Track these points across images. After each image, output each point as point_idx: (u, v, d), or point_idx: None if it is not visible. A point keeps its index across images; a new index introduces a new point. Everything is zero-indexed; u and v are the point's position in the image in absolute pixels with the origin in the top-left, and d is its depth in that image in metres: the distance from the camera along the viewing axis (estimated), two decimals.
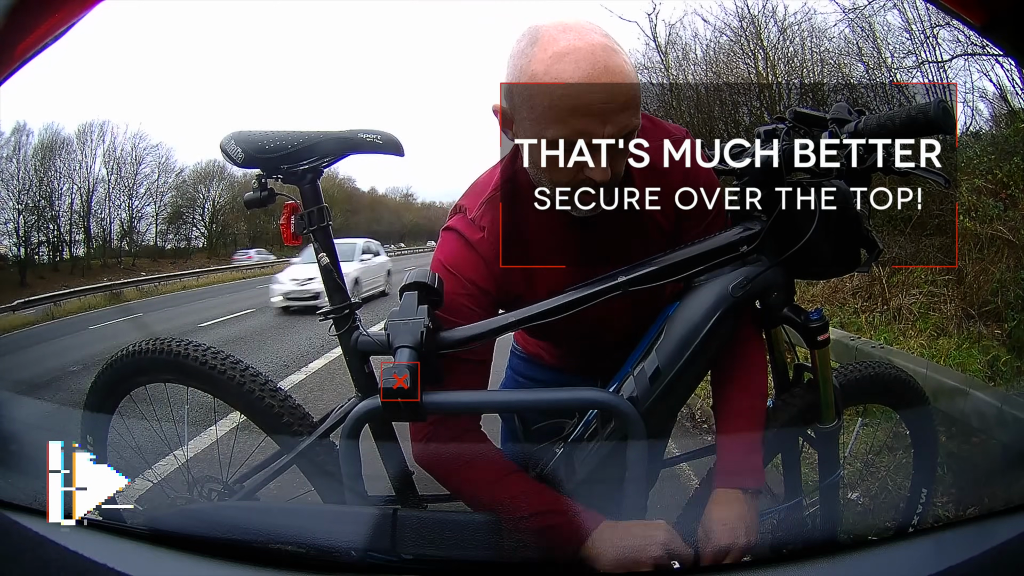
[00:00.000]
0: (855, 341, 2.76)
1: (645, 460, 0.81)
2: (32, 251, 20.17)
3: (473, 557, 0.74)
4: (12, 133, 19.41)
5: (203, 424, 1.18)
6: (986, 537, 0.64)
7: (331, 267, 0.95)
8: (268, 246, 23.84)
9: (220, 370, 0.95)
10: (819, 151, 0.86)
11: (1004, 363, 2.64)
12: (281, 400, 0.96)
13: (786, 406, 0.93)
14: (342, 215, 28.50)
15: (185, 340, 0.99)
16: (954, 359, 2.85)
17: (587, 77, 0.71)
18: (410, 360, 0.76)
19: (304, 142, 0.93)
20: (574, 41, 0.72)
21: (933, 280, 3.91)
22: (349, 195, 32.27)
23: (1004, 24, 0.58)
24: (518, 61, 0.76)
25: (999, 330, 3.13)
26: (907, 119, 0.75)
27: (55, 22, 0.59)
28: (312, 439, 0.93)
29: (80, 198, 21.34)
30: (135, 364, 1.00)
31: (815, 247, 0.84)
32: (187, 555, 0.71)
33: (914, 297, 3.84)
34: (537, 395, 0.92)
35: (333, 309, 0.93)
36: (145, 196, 23.37)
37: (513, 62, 0.77)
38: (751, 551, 0.78)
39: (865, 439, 1.45)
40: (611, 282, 0.86)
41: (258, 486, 0.96)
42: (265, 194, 0.97)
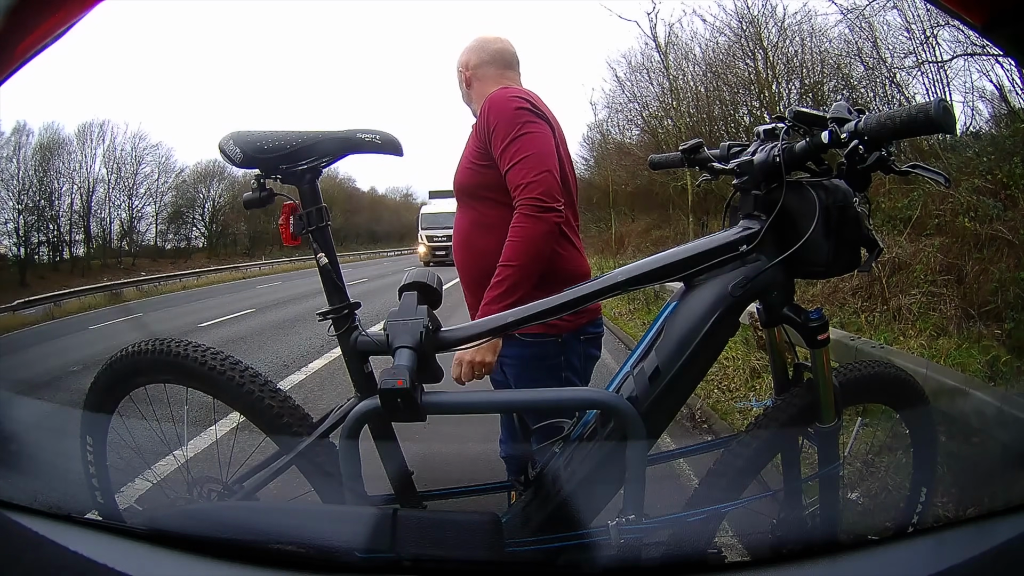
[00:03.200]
0: (855, 341, 2.76)
1: (645, 460, 0.81)
2: (32, 251, 20.19)
3: (473, 557, 0.73)
4: (12, 133, 19.43)
5: (203, 424, 1.18)
6: (986, 537, 0.64)
7: (330, 267, 0.95)
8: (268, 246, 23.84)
9: (220, 371, 0.95)
10: (819, 151, 0.86)
11: (1004, 363, 2.64)
12: (281, 400, 0.96)
13: (786, 406, 0.92)
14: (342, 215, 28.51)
15: (185, 340, 0.99)
16: (954, 359, 2.84)
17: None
18: (409, 360, 0.76)
19: (303, 142, 0.93)
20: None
21: (933, 280, 3.91)
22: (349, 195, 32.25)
23: (1004, 24, 0.58)
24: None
25: (999, 330, 3.13)
26: (907, 118, 0.75)
27: (55, 22, 0.59)
28: (312, 439, 0.93)
29: (80, 198, 21.36)
30: (135, 364, 0.99)
31: (815, 246, 0.84)
32: (187, 555, 0.71)
33: (914, 297, 3.84)
34: (537, 395, 0.92)
35: (332, 309, 0.93)
36: (145, 196, 23.39)
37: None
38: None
39: (865, 439, 1.45)
40: (611, 281, 0.86)
41: (258, 486, 0.96)
42: (264, 194, 0.96)
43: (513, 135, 1.23)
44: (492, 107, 1.27)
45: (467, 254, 1.36)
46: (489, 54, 1.44)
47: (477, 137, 1.32)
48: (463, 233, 1.37)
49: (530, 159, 1.21)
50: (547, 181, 1.20)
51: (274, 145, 0.92)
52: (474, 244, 1.34)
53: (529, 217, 1.19)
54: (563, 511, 0.86)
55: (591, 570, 0.83)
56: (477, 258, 1.32)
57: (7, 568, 0.65)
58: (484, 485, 1.04)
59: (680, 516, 0.86)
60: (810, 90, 9.23)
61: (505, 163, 1.23)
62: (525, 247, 1.18)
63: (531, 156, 1.21)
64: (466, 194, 1.36)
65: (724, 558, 0.81)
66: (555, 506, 0.87)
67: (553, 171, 1.22)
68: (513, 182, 1.22)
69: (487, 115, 1.27)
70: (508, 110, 1.25)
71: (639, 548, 0.81)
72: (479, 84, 1.44)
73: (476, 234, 1.33)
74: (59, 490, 1.03)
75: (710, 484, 0.88)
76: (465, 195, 1.36)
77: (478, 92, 1.43)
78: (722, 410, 3.01)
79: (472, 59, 1.45)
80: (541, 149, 1.23)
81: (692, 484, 1.36)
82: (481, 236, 1.32)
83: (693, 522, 0.86)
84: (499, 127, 1.24)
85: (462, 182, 1.36)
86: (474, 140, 1.33)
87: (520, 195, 1.20)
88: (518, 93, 1.29)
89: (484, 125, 1.27)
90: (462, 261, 1.38)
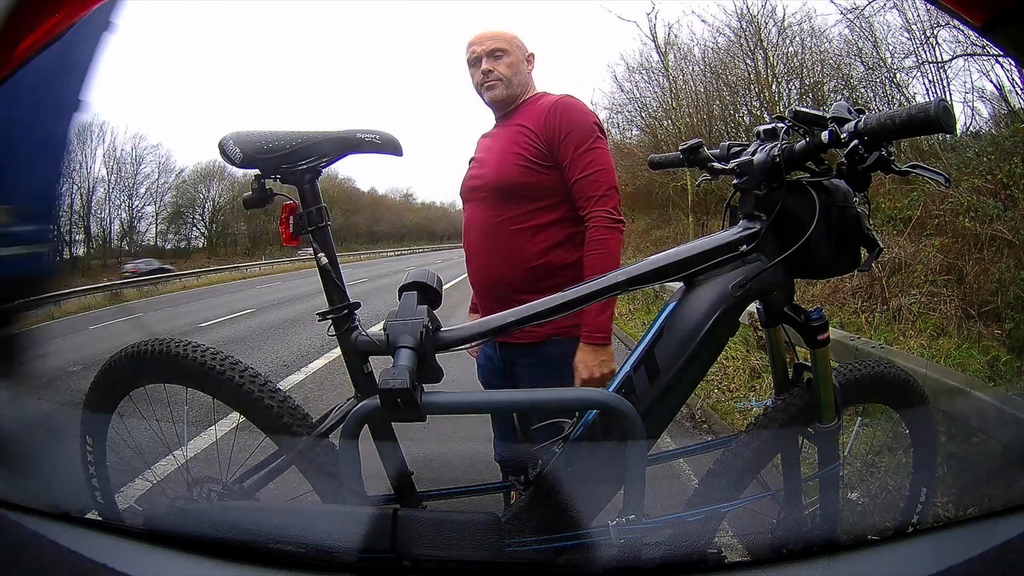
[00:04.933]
0: (855, 341, 2.75)
1: (645, 460, 0.81)
2: None
3: (473, 557, 0.73)
4: None
5: (203, 424, 1.18)
6: (986, 537, 0.64)
7: (330, 267, 0.94)
8: (268, 246, 23.85)
9: (219, 371, 0.95)
10: (819, 151, 0.86)
11: (1004, 363, 2.64)
12: (280, 400, 0.95)
13: (786, 405, 0.92)
14: (342, 215, 28.54)
15: (184, 341, 0.99)
16: (954, 359, 2.84)
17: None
18: (410, 360, 0.76)
19: (302, 142, 0.93)
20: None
21: (933, 280, 3.91)
22: (349, 195, 32.32)
23: (1004, 24, 0.58)
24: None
25: (999, 330, 3.12)
26: (908, 118, 0.75)
27: (55, 22, 0.59)
28: (311, 439, 0.93)
29: (80, 198, 21.39)
30: (135, 364, 0.99)
31: (815, 246, 0.84)
32: (186, 555, 0.71)
33: (914, 297, 3.83)
34: (537, 395, 0.92)
35: (332, 309, 0.93)
36: (145, 196, 23.46)
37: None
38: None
39: (865, 439, 1.45)
40: (611, 281, 0.86)
41: (257, 486, 0.96)
42: (264, 194, 0.96)
43: (588, 146, 1.30)
44: (567, 112, 1.31)
45: (495, 254, 1.35)
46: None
47: (537, 136, 1.32)
48: (495, 233, 1.35)
49: (604, 173, 1.30)
50: (616, 196, 1.31)
51: (274, 145, 0.92)
52: (511, 244, 1.33)
53: (608, 229, 1.27)
54: (563, 511, 0.86)
55: (591, 570, 0.83)
56: (511, 260, 1.33)
57: (7, 568, 0.65)
58: (484, 485, 1.04)
59: (680, 516, 0.86)
60: (810, 90, 9.23)
61: (577, 171, 1.29)
62: (608, 259, 1.25)
63: (604, 170, 1.31)
64: (510, 193, 1.34)
65: (724, 558, 0.81)
66: (555, 506, 0.87)
67: (618, 187, 1.33)
68: (586, 192, 1.29)
69: (559, 118, 1.30)
70: (585, 121, 1.31)
71: (639, 548, 0.81)
72: (530, 68, 1.46)
73: (515, 235, 1.33)
74: (59, 490, 1.03)
75: (710, 484, 0.88)
76: (506, 194, 1.35)
77: (527, 77, 1.44)
78: (722, 410, 3.01)
79: (527, 48, 1.46)
80: (610, 165, 1.33)
81: (692, 484, 1.36)
82: (522, 238, 1.32)
83: (693, 522, 0.86)
84: (573, 134, 1.29)
85: (513, 180, 1.34)
86: (530, 138, 1.33)
87: (595, 207, 1.29)
88: (587, 106, 1.37)
89: (554, 127, 1.30)
90: (485, 262, 1.37)
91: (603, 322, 1.27)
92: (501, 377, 1.44)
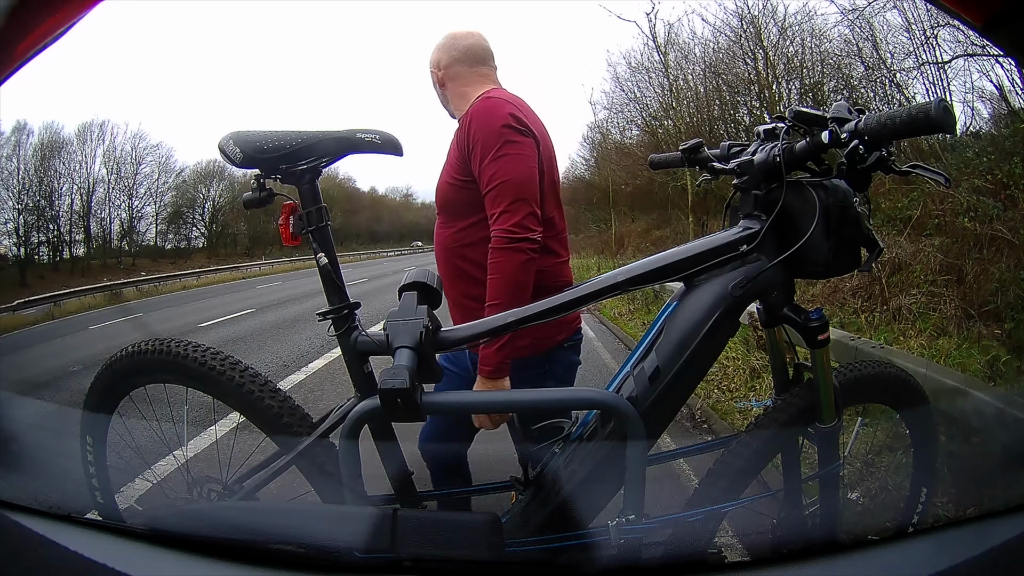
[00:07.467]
0: (855, 341, 2.75)
1: (645, 460, 0.81)
2: (32, 251, 20.22)
3: (473, 557, 0.73)
4: (12, 132, 19.45)
5: (203, 424, 1.18)
6: (986, 537, 0.64)
7: (330, 267, 0.94)
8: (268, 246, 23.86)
9: (219, 371, 0.95)
10: (819, 151, 0.86)
11: (1004, 363, 2.64)
12: (280, 400, 0.96)
13: (786, 406, 0.92)
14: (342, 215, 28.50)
15: (184, 341, 0.99)
16: (954, 359, 2.84)
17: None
18: (409, 360, 0.76)
19: (302, 142, 0.93)
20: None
21: (933, 280, 3.91)
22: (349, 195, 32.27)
23: (1004, 24, 0.58)
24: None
25: (999, 330, 3.12)
26: (908, 118, 0.75)
27: (55, 22, 0.59)
28: (311, 439, 0.93)
29: (80, 198, 21.40)
30: (135, 364, 0.99)
31: (815, 246, 0.84)
32: (187, 555, 0.71)
33: (914, 297, 3.83)
34: (537, 395, 0.92)
35: (332, 309, 0.93)
36: (145, 196, 23.46)
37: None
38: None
39: (865, 439, 1.45)
40: (611, 281, 0.86)
41: (258, 486, 0.96)
42: (264, 194, 0.96)
43: (492, 155, 1.16)
44: (474, 120, 1.19)
45: (446, 269, 1.31)
46: (460, 51, 1.34)
47: (459, 149, 1.24)
48: (445, 248, 1.30)
49: (505, 186, 1.15)
50: (520, 210, 1.14)
51: (274, 145, 0.92)
52: (458, 260, 1.28)
53: (502, 251, 1.13)
54: (563, 511, 0.86)
55: (591, 570, 0.83)
56: (459, 276, 1.27)
57: (7, 568, 0.65)
58: (484, 485, 1.05)
59: (680, 516, 0.86)
60: (810, 90, 9.23)
61: (483, 185, 1.18)
62: (504, 283, 1.13)
63: (506, 183, 1.15)
64: (447, 210, 1.30)
65: (724, 558, 0.81)
66: (555, 506, 0.87)
67: (529, 198, 1.16)
68: (488, 209, 1.17)
69: (468, 129, 1.20)
70: (491, 127, 1.17)
71: (639, 548, 0.81)
72: (453, 84, 1.35)
73: (463, 251, 1.27)
74: (59, 490, 1.03)
75: (710, 484, 0.88)
76: (446, 211, 1.30)
77: (454, 92, 1.35)
78: (722, 410, 3.01)
79: (443, 58, 1.35)
80: (518, 174, 1.16)
81: (692, 484, 1.36)
82: (470, 253, 1.25)
83: (693, 522, 0.86)
84: (479, 144, 1.17)
85: (445, 197, 1.29)
86: (455, 153, 1.26)
87: (495, 225, 1.15)
88: (503, 105, 1.21)
89: (466, 139, 1.20)
90: (445, 273, 1.31)
91: (491, 355, 1.13)
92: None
